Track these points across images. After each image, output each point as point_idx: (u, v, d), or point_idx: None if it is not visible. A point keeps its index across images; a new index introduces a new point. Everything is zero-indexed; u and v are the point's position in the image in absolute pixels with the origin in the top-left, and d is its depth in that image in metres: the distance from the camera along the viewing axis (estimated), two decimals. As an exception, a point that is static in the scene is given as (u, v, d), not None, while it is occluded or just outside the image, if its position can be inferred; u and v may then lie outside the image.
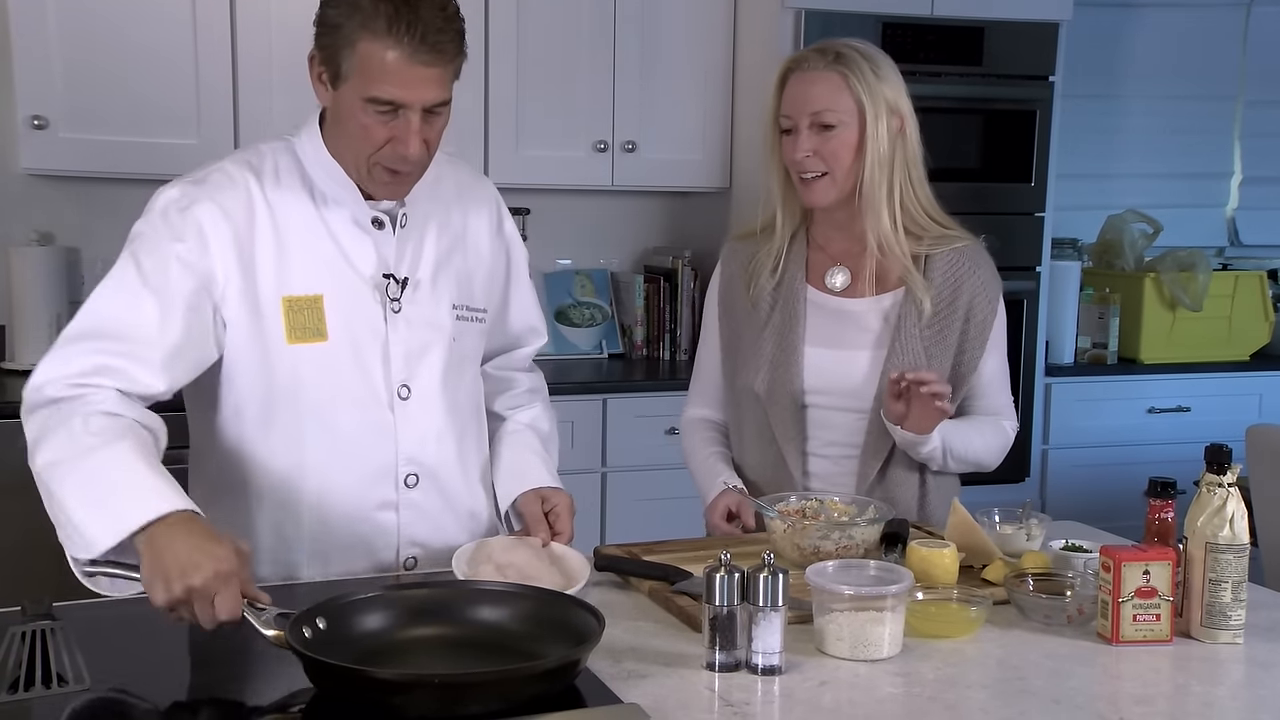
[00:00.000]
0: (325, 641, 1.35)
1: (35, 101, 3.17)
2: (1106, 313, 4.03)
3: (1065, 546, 1.82)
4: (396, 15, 1.60)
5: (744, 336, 2.13)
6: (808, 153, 2.02)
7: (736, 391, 2.15)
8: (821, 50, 2.05)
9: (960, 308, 2.09)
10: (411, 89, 1.63)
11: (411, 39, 1.60)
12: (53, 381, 1.62)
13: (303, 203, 1.76)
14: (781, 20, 3.48)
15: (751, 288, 2.13)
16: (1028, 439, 3.83)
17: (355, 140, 1.69)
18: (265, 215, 1.73)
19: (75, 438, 1.54)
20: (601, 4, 3.60)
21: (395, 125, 1.65)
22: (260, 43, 3.31)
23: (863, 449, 2.08)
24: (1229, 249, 4.72)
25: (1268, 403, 4.08)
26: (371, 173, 1.71)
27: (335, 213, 1.77)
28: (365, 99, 1.64)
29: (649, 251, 4.06)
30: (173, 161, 3.26)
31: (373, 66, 1.62)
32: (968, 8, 3.60)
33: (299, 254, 1.74)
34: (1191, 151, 4.59)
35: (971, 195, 3.67)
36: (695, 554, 1.85)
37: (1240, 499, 1.60)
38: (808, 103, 2.01)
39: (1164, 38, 4.50)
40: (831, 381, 2.08)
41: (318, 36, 1.68)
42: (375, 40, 1.60)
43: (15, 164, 3.27)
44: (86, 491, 1.49)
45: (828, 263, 2.13)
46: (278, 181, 1.76)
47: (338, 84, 1.67)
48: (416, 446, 1.81)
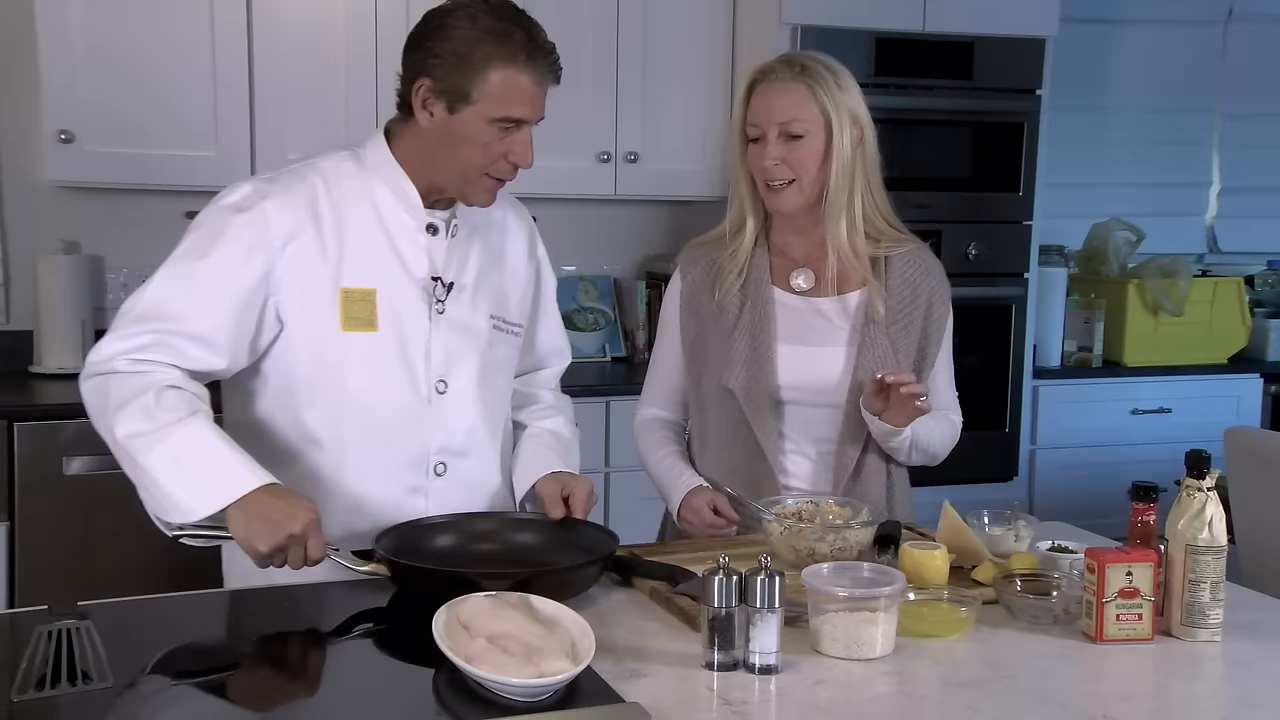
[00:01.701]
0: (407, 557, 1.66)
1: (62, 116, 3.17)
2: (1092, 317, 4.03)
3: (1052, 548, 1.82)
4: (530, 45, 1.75)
5: (711, 338, 2.12)
6: (776, 161, 2.02)
7: (703, 392, 2.14)
8: (787, 61, 2.05)
9: (920, 306, 2.11)
10: (536, 107, 1.78)
11: (542, 66, 1.76)
12: (117, 356, 1.71)
13: (364, 204, 1.83)
14: (779, 36, 3.49)
15: (717, 291, 2.12)
16: (1016, 440, 3.83)
17: (472, 155, 1.78)
18: (329, 212, 1.80)
19: (151, 413, 1.64)
20: (605, 22, 3.60)
21: (510, 140, 1.77)
22: (275, 60, 3.32)
23: (839, 441, 2.08)
24: (1208, 256, 4.72)
25: (1245, 404, 4.09)
26: (478, 183, 1.81)
27: (394, 216, 1.84)
28: (494, 119, 1.75)
29: (651, 258, 4.06)
30: (191, 173, 3.29)
31: (508, 90, 1.74)
32: (958, 23, 3.60)
33: (357, 250, 1.81)
34: (1172, 162, 4.61)
35: (962, 204, 3.68)
36: (694, 555, 1.84)
37: (1219, 502, 1.61)
38: (775, 112, 2.02)
39: (1146, 53, 4.52)
40: (805, 378, 2.08)
41: (433, 66, 1.75)
42: (510, 66, 1.73)
43: (43, 176, 3.28)
44: (177, 466, 1.62)
45: (790, 265, 2.13)
46: (341, 185, 1.83)
47: (458, 108, 1.75)
48: (448, 438, 1.87)
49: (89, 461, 2.98)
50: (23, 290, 3.46)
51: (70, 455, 2.98)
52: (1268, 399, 4.11)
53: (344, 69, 3.37)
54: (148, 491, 1.64)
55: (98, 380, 1.70)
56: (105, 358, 1.71)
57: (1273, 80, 4.63)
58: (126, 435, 1.64)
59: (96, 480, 2.96)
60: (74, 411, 3.00)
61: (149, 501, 1.65)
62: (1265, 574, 2.64)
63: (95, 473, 2.97)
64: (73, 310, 3.37)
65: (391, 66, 3.52)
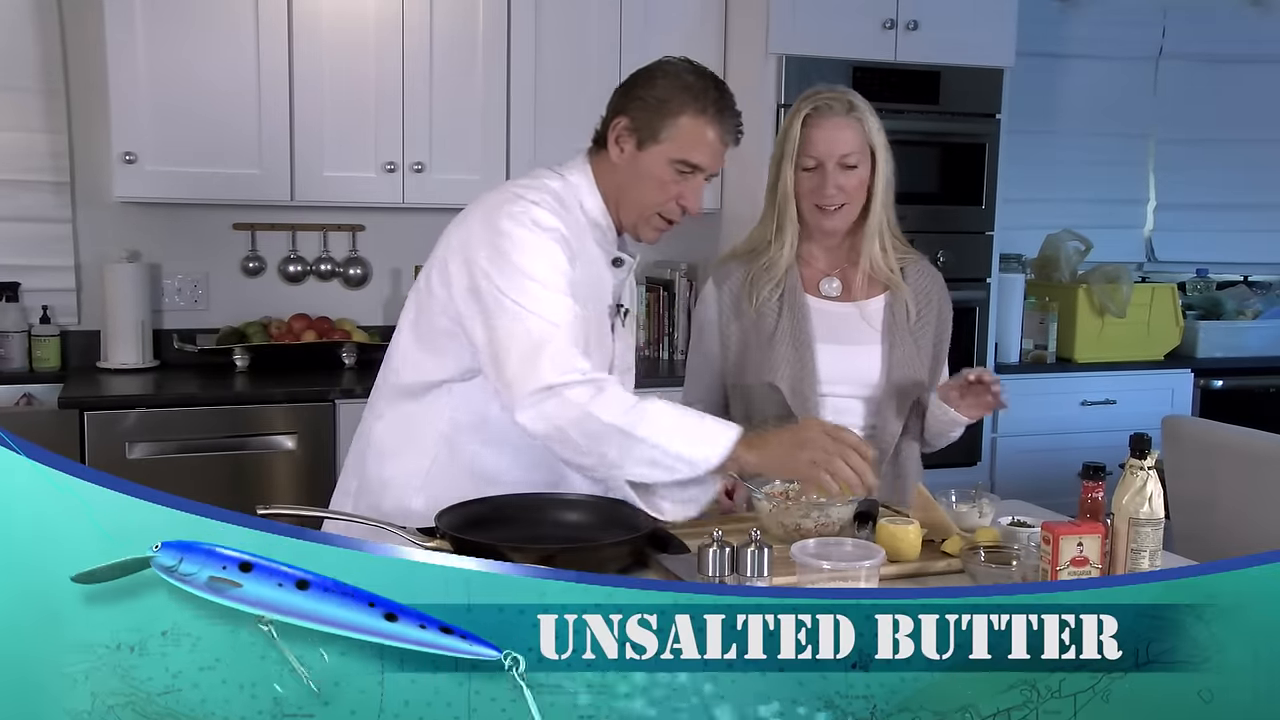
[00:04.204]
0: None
1: (127, 140, 3.18)
2: (1046, 319, 4.03)
3: (1012, 522, 1.82)
4: (721, 104, 1.78)
5: (753, 342, 2.13)
6: (835, 189, 2.04)
7: (748, 390, 2.15)
8: (837, 98, 2.06)
9: (934, 309, 2.16)
10: (715, 159, 1.80)
11: (727, 125, 1.79)
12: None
13: (582, 231, 1.83)
14: (765, 65, 3.48)
15: (755, 299, 2.13)
16: (980, 428, 3.84)
17: (649, 191, 1.80)
18: (576, 238, 1.79)
19: (622, 401, 1.64)
20: (608, 50, 3.58)
21: (685, 184, 1.79)
22: (312, 90, 3.32)
23: (879, 428, 2.11)
24: (1146, 264, 4.74)
25: (1178, 396, 4.10)
26: (649, 220, 1.84)
27: (596, 245, 1.85)
28: (675, 160, 1.76)
29: (650, 264, 4.06)
30: (238, 188, 3.30)
31: (694, 137, 1.76)
32: (926, 54, 3.60)
33: (580, 273, 1.80)
34: (1114, 181, 4.62)
35: (931, 217, 3.68)
36: (692, 529, 1.84)
37: (1158, 480, 1.62)
38: (836, 146, 2.04)
39: (1090, 84, 4.54)
40: (844, 374, 2.10)
41: (634, 106, 1.78)
42: (701, 117, 1.76)
43: (110, 194, 3.28)
44: (674, 433, 1.63)
45: (818, 275, 2.15)
46: (568, 210, 1.81)
47: (646, 145, 1.78)
48: None
49: (149, 447, 3.00)
50: (92, 295, 3.47)
51: (133, 441, 2.99)
52: (1197, 391, 4.13)
53: (374, 97, 3.37)
54: (654, 464, 1.64)
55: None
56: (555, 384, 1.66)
57: (1200, 110, 4.66)
58: (613, 420, 1.62)
59: (157, 463, 2.98)
60: (136, 402, 3.05)
61: (658, 474, 1.64)
62: (1196, 544, 2.65)
63: (156, 457, 2.99)
64: (134, 312, 3.37)
65: (415, 97, 3.55)
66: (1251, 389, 4.18)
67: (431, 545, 1.62)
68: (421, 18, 3.38)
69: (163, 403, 3.06)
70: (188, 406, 3.07)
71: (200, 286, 3.55)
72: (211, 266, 3.56)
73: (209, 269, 3.56)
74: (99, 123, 3.34)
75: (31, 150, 3.38)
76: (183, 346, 3.47)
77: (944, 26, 3.59)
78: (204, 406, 3.08)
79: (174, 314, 3.53)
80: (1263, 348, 4.24)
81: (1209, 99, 4.66)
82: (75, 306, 3.48)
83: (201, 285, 3.55)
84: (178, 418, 3.04)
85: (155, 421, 3.03)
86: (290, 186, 3.30)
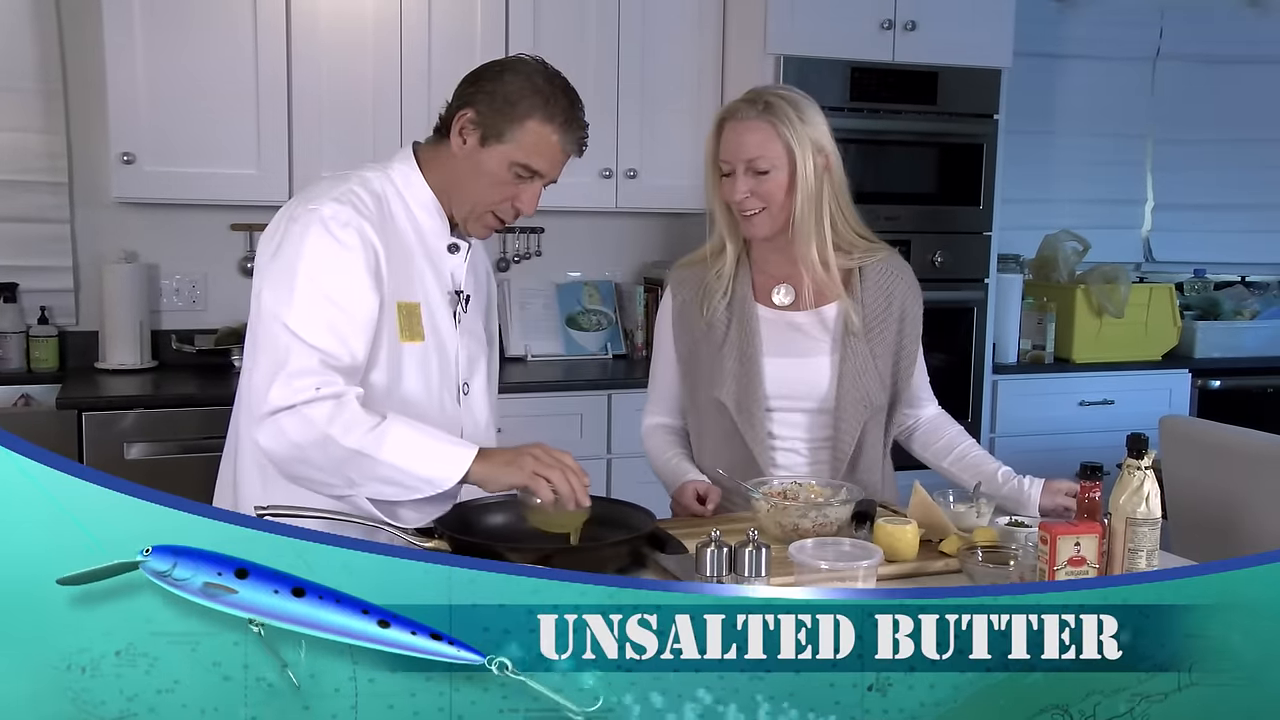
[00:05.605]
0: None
1: (125, 140, 3.18)
2: (1044, 319, 4.03)
3: (1010, 523, 1.82)
4: (570, 113, 1.76)
5: (703, 353, 2.10)
6: (745, 193, 2.00)
7: (699, 403, 2.12)
8: (751, 100, 2.01)
9: (895, 311, 2.09)
10: (555, 167, 1.79)
11: (573, 135, 1.77)
12: None
13: (405, 223, 1.81)
14: (763, 65, 3.48)
15: (705, 309, 2.09)
16: (978, 428, 3.84)
17: (484, 189, 1.78)
18: (391, 231, 1.77)
19: (361, 421, 1.62)
20: (606, 52, 3.59)
21: (522, 188, 1.77)
22: (310, 91, 3.32)
23: (833, 441, 2.06)
24: (1145, 265, 4.74)
25: (1176, 396, 4.10)
26: (481, 217, 1.81)
27: (428, 235, 1.83)
28: (516, 163, 1.74)
29: (648, 265, 4.06)
30: (236, 189, 3.29)
31: (539, 143, 1.74)
32: (924, 55, 3.60)
33: (404, 266, 1.79)
34: (1112, 181, 4.62)
35: (928, 217, 3.68)
36: (691, 529, 1.84)
37: (1155, 480, 1.62)
38: (742, 150, 1.99)
39: (1088, 84, 4.54)
40: (792, 387, 2.06)
41: (480, 100, 1.74)
42: (548, 125, 1.74)
43: (108, 194, 3.28)
44: (415, 455, 1.61)
45: (771, 282, 2.10)
46: (388, 204, 1.80)
47: (489, 143, 1.74)
48: (473, 433, 1.87)
49: (147, 447, 3.00)
50: (90, 295, 3.46)
51: (131, 442, 2.99)
52: (1195, 391, 4.13)
53: (372, 97, 3.37)
54: (392, 483, 1.62)
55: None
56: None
57: (1197, 110, 4.67)
58: (354, 445, 1.61)
59: (155, 463, 2.98)
60: (134, 403, 3.04)
61: (400, 493, 1.63)
62: (1192, 544, 2.65)
63: (154, 457, 2.99)
64: (132, 313, 3.37)
65: (413, 98, 3.53)
66: (1249, 389, 4.18)
67: (430, 545, 1.62)
68: (420, 18, 3.38)
69: (161, 403, 3.06)
70: (186, 407, 3.06)
71: (198, 287, 3.55)
72: (209, 267, 3.55)
73: (207, 269, 3.55)
74: (97, 123, 3.34)
75: (29, 151, 3.38)
76: (181, 347, 3.47)
77: (942, 27, 3.59)
78: (202, 407, 3.07)
79: (172, 314, 3.53)
80: (1260, 348, 4.25)
81: (1206, 99, 4.67)
82: (73, 307, 3.47)
83: (199, 286, 3.55)
84: (176, 418, 3.04)
85: (153, 422, 3.03)
86: (288, 187, 3.29)
